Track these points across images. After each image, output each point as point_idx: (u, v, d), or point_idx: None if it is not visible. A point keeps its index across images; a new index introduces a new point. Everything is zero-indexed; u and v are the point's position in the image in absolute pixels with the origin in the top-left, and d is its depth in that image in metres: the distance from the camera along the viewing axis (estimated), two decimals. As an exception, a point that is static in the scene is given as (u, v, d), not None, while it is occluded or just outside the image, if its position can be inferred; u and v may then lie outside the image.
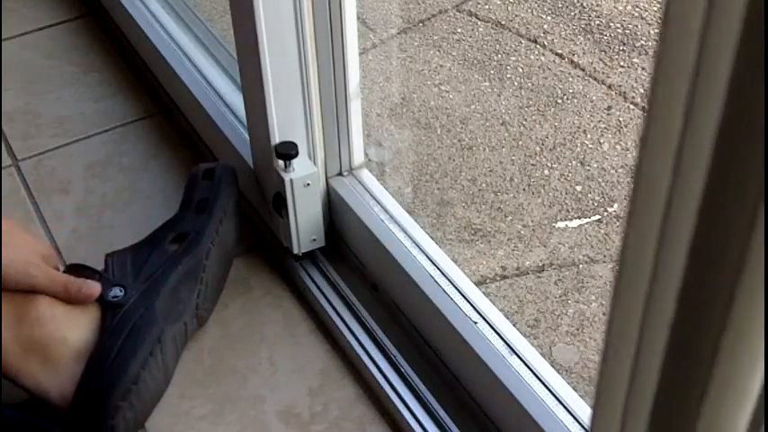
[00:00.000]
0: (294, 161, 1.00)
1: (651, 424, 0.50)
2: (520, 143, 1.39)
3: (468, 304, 0.92)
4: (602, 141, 1.40)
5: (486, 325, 0.91)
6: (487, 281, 1.20)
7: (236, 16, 0.98)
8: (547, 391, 0.85)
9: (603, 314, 1.15)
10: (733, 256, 0.39)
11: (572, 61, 1.54)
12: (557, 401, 0.84)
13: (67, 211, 1.19)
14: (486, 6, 1.66)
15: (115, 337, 0.93)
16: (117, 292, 0.96)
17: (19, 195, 1.22)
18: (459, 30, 1.61)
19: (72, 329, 0.93)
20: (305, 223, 1.04)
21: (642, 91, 1.48)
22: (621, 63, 1.54)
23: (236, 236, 1.08)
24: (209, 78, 1.23)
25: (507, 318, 0.92)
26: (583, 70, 1.52)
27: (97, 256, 1.01)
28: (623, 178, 1.34)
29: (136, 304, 0.95)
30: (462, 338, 0.90)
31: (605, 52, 1.56)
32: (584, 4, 1.65)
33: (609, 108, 1.46)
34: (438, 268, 0.96)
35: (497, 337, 0.89)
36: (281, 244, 1.08)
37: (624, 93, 1.48)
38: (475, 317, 0.91)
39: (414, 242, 0.99)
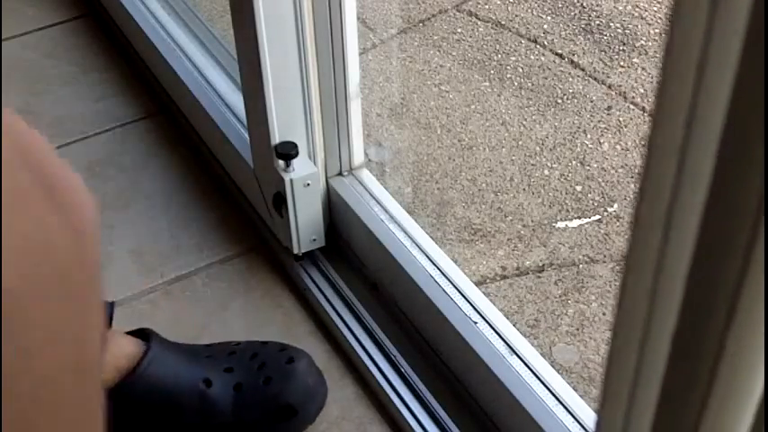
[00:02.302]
0: (294, 161, 1.00)
1: (654, 425, 0.50)
2: (520, 143, 1.39)
3: (468, 304, 0.92)
4: (602, 141, 1.40)
5: (486, 325, 0.91)
6: (487, 281, 1.20)
7: (236, 16, 0.98)
8: (547, 391, 0.85)
9: (603, 314, 1.15)
10: (737, 255, 0.39)
11: (572, 61, 1.54)
12: (557, 401, 0.84)
13: (67, 211, 1.19)
14: (486, 6, 1.66)
15: None
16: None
17: (19, 195, 1.21)
18: (459, 30, 1.61)
19: None
20: (305, 223, 1.04)
21: (642, 91, 1.48)
22: (621, 63, 1.54)
23: None
24: (209, 78, 1.23)
25: (507, 318, 0.92)
26: (583, 70, 1.52)
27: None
28: (623, 178, 1.34)
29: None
30: (462, 338, 0.90)
31: (605, 52, 1.56)
32: (584, 4, 1.65)
33: (609, 108, 1.46)
34: (438, 268, 0.96)
35: (497, 337, 0.89)
36: (281, 244, 1.08)
37: (624, 93, 1.48)
38: (475, 317, 0.91)
39: (414, 242, 0.99)
